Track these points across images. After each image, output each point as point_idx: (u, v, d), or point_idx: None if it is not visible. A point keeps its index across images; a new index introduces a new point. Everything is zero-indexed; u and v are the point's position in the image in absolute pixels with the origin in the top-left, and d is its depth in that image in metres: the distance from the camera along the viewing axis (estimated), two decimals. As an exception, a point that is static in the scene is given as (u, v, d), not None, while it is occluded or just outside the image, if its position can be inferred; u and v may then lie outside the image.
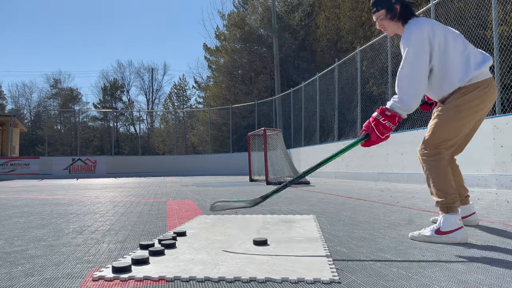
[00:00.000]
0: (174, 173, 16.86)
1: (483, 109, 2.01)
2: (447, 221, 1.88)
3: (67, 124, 38.19)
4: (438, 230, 1.89)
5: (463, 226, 1.89)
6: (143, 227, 2.50)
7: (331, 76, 11.86)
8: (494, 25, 5.79)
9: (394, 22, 2.12)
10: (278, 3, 23.62)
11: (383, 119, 1.94)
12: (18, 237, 2.16)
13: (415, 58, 1.96)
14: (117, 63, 68.42)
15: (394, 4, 2.10)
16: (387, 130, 1.94)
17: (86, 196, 5.26)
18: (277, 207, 3.54)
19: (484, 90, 1.96)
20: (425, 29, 1.98)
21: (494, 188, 5.42)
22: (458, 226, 1.87)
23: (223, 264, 1.46)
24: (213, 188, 6.71)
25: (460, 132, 2.02)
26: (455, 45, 2.00)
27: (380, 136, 1.95)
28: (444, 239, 1.86)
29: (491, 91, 1.99)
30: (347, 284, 1.25)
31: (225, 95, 25.05)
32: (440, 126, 2.01)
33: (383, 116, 1.94)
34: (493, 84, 2.02)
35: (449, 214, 1.90)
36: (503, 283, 1.23)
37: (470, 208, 2.34)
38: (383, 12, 2.13)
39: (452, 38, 2.01)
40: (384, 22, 2.15)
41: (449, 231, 1.87)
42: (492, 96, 2.01)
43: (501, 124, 5.41)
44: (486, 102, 1.99)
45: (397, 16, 2.11)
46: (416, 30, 1.98)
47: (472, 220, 2.34)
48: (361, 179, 9.17)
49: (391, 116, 1.93)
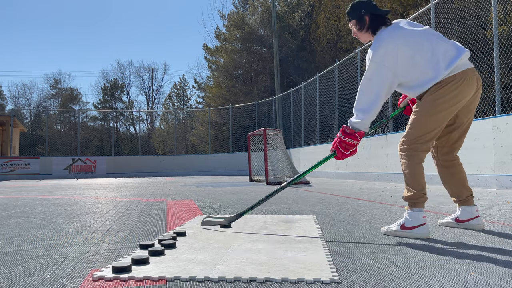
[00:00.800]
0: (174, 173, 16.86)
1: (460, 101, 2.02)
2: (411, 218, 1.99)
3: (67, 124, 38.19)
4: (402, 226, 2.01)
5: (426, 223, 1.97)
6: (143, 227, 2.50)
7: (331, 76, 11.86)
8: (494, 25, 5.79)
9: (363, 32, 2.20)
10: (278, 3, 23.63)
11: (343, 136, 2.06)
12: (18, 237, 2.16)
13: (373, 75, 2.04)
14: (117, 63, 68.51)
15: (363, 15, 2.17)
16: (350, 146, 2.06)
17: (86, 196, 5.26)
18: (277, 207, 3.54)
19: (458, 83, 1.98)
20: (389, 45, 2.02)
21: (494, 188, 5.41)
22: (420, 222, 1.96)
23: (223, 264, 1.46)
24: (213, 188, 6.71)
25: (437, 126, 2.04)
26: (422, 53, 2.02)
27: (344, 152, 2.08)
28: (407, 234, 1.98)
29: (466, 83, 2.00)
30: (347, 284, 1.25)
31: (225, 95, 25.05)
32: (417, 122, 2.06)
33: (343, 134, 2.07)
34: (469, 75, 2.01)
35: (414, 211, 1.99)
36: (503, 283, 1.23)
37: (473, 210, 2.21)
38: (353, 22, 2.22)
39: (418, 48, 2.03)
40: (355, 30, 2.25)
41: (412, 227, 1.97)
42: (468, 87, 2.01)
43: (501, 124, 5.41)
44: (461, 94, 2.00)
45: (365, 28, 2.19)
46: (380, 46, 2.04)
47: (475, 224, 2.20)
48: (361, 179, 9.16)
49: (350, 133, 2.05)
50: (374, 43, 2.09)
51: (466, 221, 2.22)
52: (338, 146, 2.08)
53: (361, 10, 2.17)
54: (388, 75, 2.02)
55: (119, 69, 49.24)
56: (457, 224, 2.26)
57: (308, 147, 13.05)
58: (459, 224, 2.26)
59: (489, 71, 6.70)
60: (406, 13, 11.74)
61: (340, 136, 2.08)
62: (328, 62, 16.37)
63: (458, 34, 7.71)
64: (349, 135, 2.05)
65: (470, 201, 2.22)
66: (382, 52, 2.02)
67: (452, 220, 2.30)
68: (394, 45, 2.02)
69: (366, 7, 2.17)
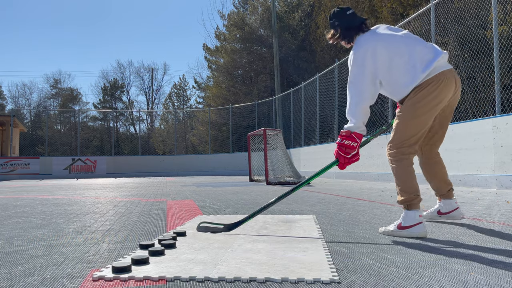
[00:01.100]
0: (174, 173, 16.86)
1: (440, 102, 2.08)
2: (408, 217, 2.03)
3: (67, 124, 38.19)
4: (399, 225, 2.05)
5: (422, 222, 2.02)
6: (143, 227, 2.50)
7: (331, 76, 11.86)
8: (494, 25, 5.79)
9: (340, 40, 2.32)
10: (278, 3, 23.63)
11: (341, 140, 2.10)
12: (18, 237, 2.16)
13: (355, 77, 2.13)
14: (117, 63, 68.47)
15: (336, 26, 2.30)
16: (350, 149, 2.08)
17: (86, 196, 5.26)
18: (277, 207, 3.54)
19: (436, 85, 2.05)
20: (368, 48, 2.12)
21: (494, 188, 5.41)
22: (417, 221, 2.01)
23: (223, 264, 1.46)
24: (213, 188, 6.71)
25: (421, 129, 2.11)
26: (399, 56, 2.10)
27: (346, 156, 2.09)
28: (405, 233, 2.01)
29: (444, 84, 2.06)
30: (347, 284, 1.25)
31: (225, 95, 25.04)
32: (400, 126, 2.13)
33: (341, 137, 2.11)
34: (447, 76, 2.08)
35: (410, 211, 2.04)
36: (503, 283, 1.23)
37: (453, 203, 2.41)
38: (332, 31, 2.34)
39: (396, 51, 2.11)
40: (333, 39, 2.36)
41: (409, 226, 2.01)
42: (447, 88, 2.08)
43: (501, 124, 5.41)
44: (441, 96, 2.07)
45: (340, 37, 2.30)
46: (359, 50, 2.14)
47: (456, 215, 2.40)
48: (361, 179, 9.17)
49: (346, 134, 2.09)
50: (353, 48, 2.20)
51: (448, 213, 2.41)
52: (339, 151, 2.11)
53: (335, 21, 2.30)
54: (369, 76, 2.11)
55: (119, 69, 49.23)
56: (439, 217, 2.46)
57: (308, 147, 13.05)
58: (441, 216, 2.45)
59: (489, 71, 6.70)
60: (406, 13, 11.73)
61: (338, 141, 2.11)
62: (328, 62, 16.36)
63: (458, 34, 7.71)
64: (346, 137, 2.09)
65: (451, 194, 2.41)
66: (361, 55, 2.12)
67: (434, 213, 2.49)
68: (372, 48, 2.12)
69: (340, 18, 2.28)
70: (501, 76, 6.20)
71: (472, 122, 5.99)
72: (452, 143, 6.20)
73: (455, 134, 6.20)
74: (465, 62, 7.83)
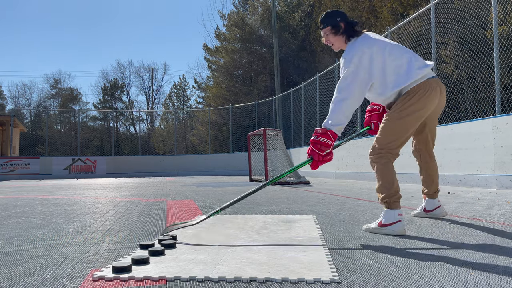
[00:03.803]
0: (174, 173, 16.86)
1: (425, 110, 2.20)
2: (388, 215, 2.11)
3: (67, 124, 38.17)
4: (380, 223, 2.13)
5: (402, 220, 2.09)
6: (143, 227, 2.50)
7: (331, 76, 11.86)
8: (494, 25, 5.79)
9: (338, 36, 2.35)
10: (278, 3, 23.63)
11: (316, 137, 2.13)
12: (18, 237, 2.16)
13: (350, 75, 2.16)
14: (117, 63, 68.49)
15: (339, 22, 2.34)
16: (325, 146, 2.11)
17: (86, 196, 5.26)
18: (277, 207, 3.54)
19: (422, 94, 2.16)
20: (365, 51, 2.19)
21: (494, 188, 5.41)
22: (396, 220, 2.09)
23: (223, 264, 1.46)
24: (213, 188, 6.71)
25: (404, 134, 2.21)
26: (394, 59, 2.20)
27: (320, 153, 2.11)
28: (385, 230, 2.10)
29: (429, 94, 2.18)
30: (347, 284, 1.25)
31: (225, 95, 25.04)
32: (384, 130, 2.23)
33: (316, 134, 2.14)
34: (433, 85, 2.20)
35: (390, 210, 2.12)
36: (503, 283, 1.23)
37: (435, 202, 2.62)
38: (328, 28, 2.36)
39: (391, 53, 2.21)
40: (330, 37, 2.38)
41: (389, 223, 2.10)
42: (432, 98, 2.20)
43: (501, 124, 5.41)
44: (427, 105, 2.19)
45: (340, 31, 2.33)
46: (356, 51, 2.19)
47: (439, 213, 2.62)
48: (361, 179, 9.17)
49: (322, 132, 2.12)
50: (349, 49, 2.25)
51: (432, 210, 2.63)
52: (313, 148, 2.13)
53: (336, 18, 2.35)
54: (365, 75, 2.19)
55: (119, 69, 49.24)
56: (426, 214, 2.67)
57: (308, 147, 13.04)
58: (427, 214, 2.66)
59: (489, 71, 6.70)
60: (406, 13, 11.73)
61: (313, 139, 2.14)
62: (328, 62, 16.37)
63: (458, 34, 7.71)
64: (321, 134, 2.11)
65: (435, 195, 2.62)
66: (359, 54, 2.18)
67: (421, 211, 2.70)
68: (369, 49, 2.20)
69: (341, 15, 2.35)
70: (501, 76, 6.20)
71: (472, 122, 5.98)
72: (452, 143, 6.20)
73: (455, 134, 6.20)
74: (465, 62, 7.83)
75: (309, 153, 2.16)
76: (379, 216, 2.17)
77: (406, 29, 8.41)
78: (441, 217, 2.64)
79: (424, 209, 2.67)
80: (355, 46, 2.23)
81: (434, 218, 2.64)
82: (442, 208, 2.64)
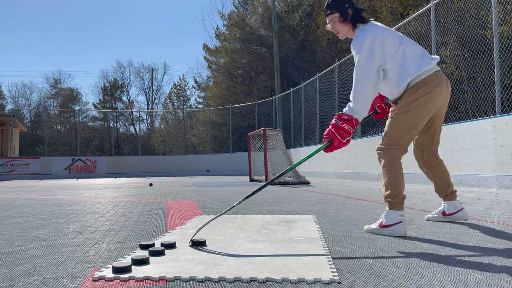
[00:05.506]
0: (174, 173, 16.86)
1: (434, 104, 2.14)
2: (389, 216, 2.07)
3: (67, 124, 38.17)
4: (381, 224, 2.09)
5: (403, 221, 2.05)
6: (143, 227, 2.50)
7: (331, 76, 11.86)
8: (494, 25, 5.79)
9: (346, 24, 2.27)
10: (278, 3, 23.62)
11: (341, 123, 2.04)
12: (18, 237, 2.16)
13: (365, 61, 2.10)
14: (117, 63, 68.51)
15: (347, 8, 2.26)
16: (347, 134, 2.05)
17: (86, 196, 5.26)
18: (277, 207, 3.54)
19: (431, 87, 2.11)
20: (377, 34, 2.13)
21: (494, 188, 5.41)
22: (397, 221, 2.05)
23: (223, 264, 1.46)
24: (213, 188, 6.71)
25: (412, 128, 2.15)
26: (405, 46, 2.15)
27: (341, 140, 2.04)
28: (385, 231, 2.07)
29: (438, 88, 2.12)
30: (347, 284, 1.25)
31: (225, 95, 25.04)
32: (392, 125, 2.17)
33: (341, 120, 2.05)
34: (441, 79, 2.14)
35: (392, 210, 2.08)
36: (503, 283, 1.23)
37: (457, 204, 2.43)
38: (336, 15, 2.27)
39: (401, 40, 2.17)
40: (336, 24, 2.29)
41: (390, 224, 2.06)
42: (440, 92, 2.14)
43: (501, 124, 5.41)
44: (435, 98, 2.13)
45: (349, 19, 2.25)
46: (367, 36, 2.13)
47: (460, 217, 2.43)
48: (361, 179, 9.16)
49: (348, 119, 2.05)
50: (358, 35, 2.17)
51: (452, 214, 2.43)
52: (335, 133, 2.03)
53: (345, 4, 2.26)
54: (376, 61, 2.11)
55: (119, 69, 49.26)
56: (444, 218, 2.47)
57: (308, 147, 13.04)
58: (446, 218, 2.46)
59: (489, 71, 6.70)
60: (406, 13, 11.73)
61: (337, 123, 2.04)
62: (328, 62, 16.37)
63: (458, 34, 7.71)
64: (347, 121, 2.03)
65: (454, 195, 2.43)
66: (371, 40, 2.11)
67: (438, 215, 2.50)
68: (381, 35, 2.13)
69: (348, 1, 2.27)
70: (501, 76, 6.20)
71: (472, 122, 5.98)
72: (452, 143, 6.20)
73: (455, 134, 6.20)
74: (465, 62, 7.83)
75: (329, 136, 2.05)
76: (380, 217, 2.14)
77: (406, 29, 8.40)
78: (463, 221, 2.44)
79: (443, 212, 2.46)
80: (366, 31, 2.15)
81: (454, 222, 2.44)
82: (464, 211, 2.43)
